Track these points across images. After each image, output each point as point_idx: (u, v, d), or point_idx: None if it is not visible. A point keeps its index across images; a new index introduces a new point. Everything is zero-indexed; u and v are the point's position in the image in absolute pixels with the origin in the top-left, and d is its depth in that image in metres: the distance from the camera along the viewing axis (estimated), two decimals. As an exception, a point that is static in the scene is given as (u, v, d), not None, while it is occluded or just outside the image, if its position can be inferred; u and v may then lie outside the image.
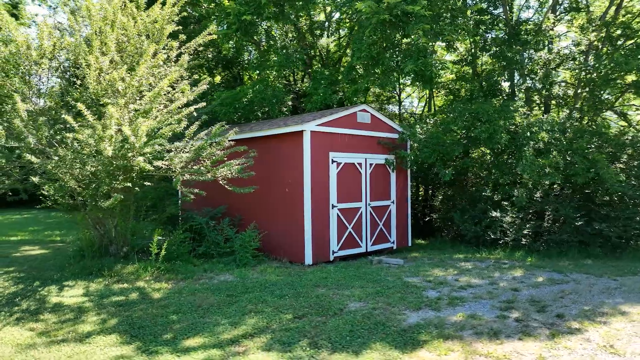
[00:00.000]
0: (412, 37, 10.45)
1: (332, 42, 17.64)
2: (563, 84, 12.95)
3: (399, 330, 5.17)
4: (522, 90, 12.63)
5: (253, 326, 5.37)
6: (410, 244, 11.45)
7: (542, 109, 13.70)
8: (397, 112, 18.07)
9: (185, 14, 17.73)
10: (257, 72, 14.61)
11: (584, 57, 11.99)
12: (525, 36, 11.54)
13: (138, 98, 7.22)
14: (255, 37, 15.83)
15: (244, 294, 6.73)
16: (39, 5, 30.68)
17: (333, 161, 9.39)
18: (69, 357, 4.58)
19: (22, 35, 6.71)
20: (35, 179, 7.53)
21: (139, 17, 7.87)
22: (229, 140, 8.33)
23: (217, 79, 21.42)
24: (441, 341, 4.84)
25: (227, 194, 8.31)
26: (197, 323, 5.52)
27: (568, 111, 11.58)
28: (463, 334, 5.05)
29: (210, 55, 19.68)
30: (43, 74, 7.24)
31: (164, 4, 8.54)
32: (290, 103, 14.71)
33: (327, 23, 16.35)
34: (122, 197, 7.01)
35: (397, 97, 18.03)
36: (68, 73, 8.07)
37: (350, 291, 6.82)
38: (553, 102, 13.77)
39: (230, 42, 13.60)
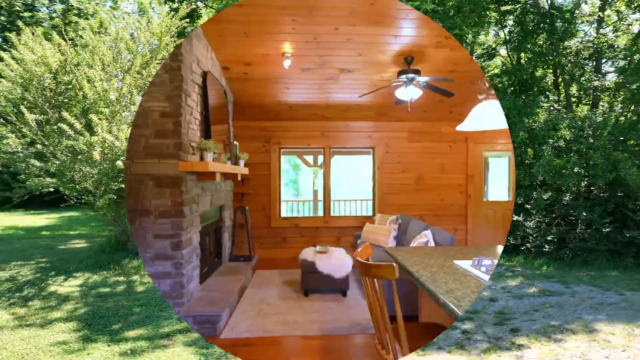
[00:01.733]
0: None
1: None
2: (607, 75, 11.64)
3: (330, 334, 5.11)
4: (554, 84, 11.58)
5: (197, 322, 5.61)
6: (423, 248, 11.02)
7: (590, 103, 12.44)
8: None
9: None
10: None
11: (632, 43, 10.70)
12: (557, 24, 10.58)
13: (132, 105, 7.82)
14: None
15: (217, 291, 7.02)
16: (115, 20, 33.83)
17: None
18: (21, 340, 5.16)
19: (30, 54, 7.63)
20: (52, 180, 8.46)
21: (141, 32, 8.49)
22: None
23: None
24: (362, 348, 4.72)
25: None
26: (151, 316, 5.89)
27: (608, 105, 10.41)
28: (393, 343, 4.86)
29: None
30: (55, 87, 8.11)
31: (176, 10, 9.20)
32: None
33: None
34: (114, 197, 7.64)
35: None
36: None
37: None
38: (604, 95, 12.44)
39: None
